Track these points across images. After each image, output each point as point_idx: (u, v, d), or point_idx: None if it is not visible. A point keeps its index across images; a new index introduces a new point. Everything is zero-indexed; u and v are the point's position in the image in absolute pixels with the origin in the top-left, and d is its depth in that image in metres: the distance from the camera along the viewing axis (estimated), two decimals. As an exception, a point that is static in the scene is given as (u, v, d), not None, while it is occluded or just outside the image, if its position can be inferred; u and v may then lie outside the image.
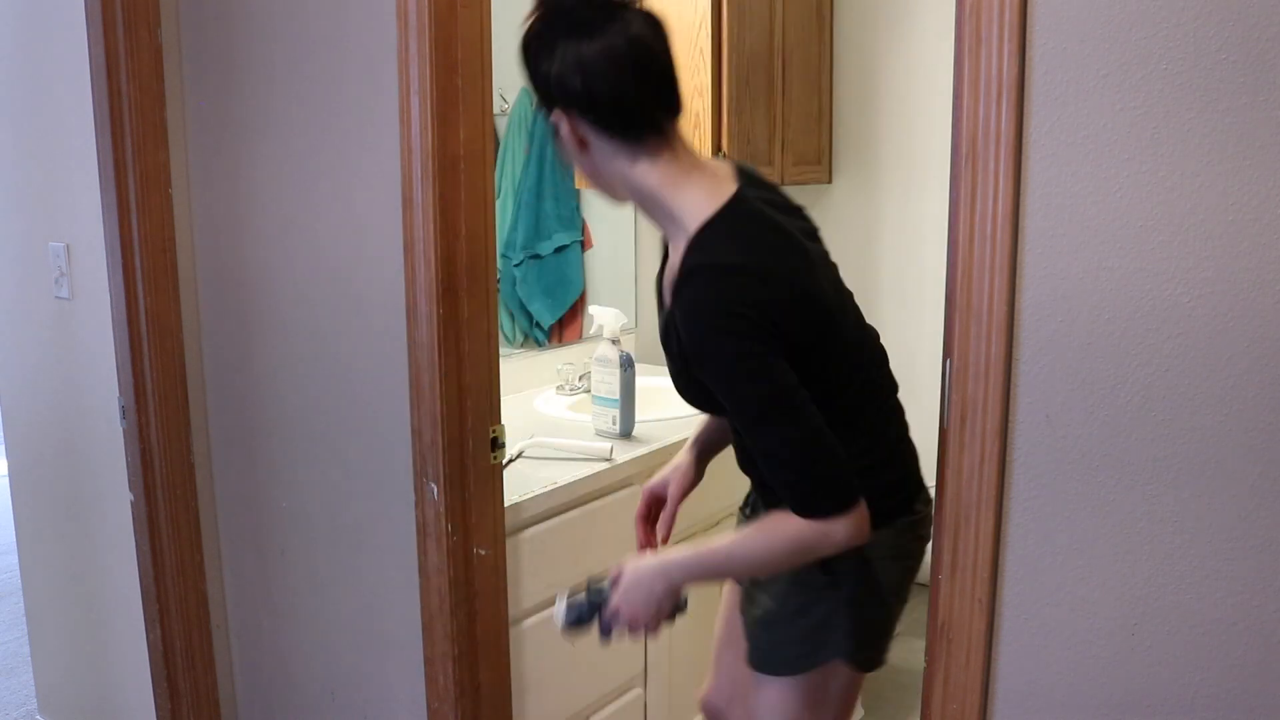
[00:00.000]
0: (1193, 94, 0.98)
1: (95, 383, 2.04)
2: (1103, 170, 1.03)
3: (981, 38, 1.07)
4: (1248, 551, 1.00)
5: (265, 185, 1.82)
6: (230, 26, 1.81)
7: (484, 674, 1.72)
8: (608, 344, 2.17)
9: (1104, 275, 1.04)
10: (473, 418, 1.64)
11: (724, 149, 2.73)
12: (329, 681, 1.92)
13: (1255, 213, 0.96)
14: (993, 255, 1.09)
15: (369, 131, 1.64)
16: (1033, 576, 1.13)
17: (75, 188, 1.98)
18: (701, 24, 2.68)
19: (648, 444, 2.15)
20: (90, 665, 2.32)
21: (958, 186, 1.11)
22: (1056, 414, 1.08)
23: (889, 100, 3.26)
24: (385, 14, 1.55)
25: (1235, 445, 1.00)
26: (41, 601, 2.43)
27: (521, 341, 2.69)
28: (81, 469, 2.17)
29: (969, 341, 1.12)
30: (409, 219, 1.58)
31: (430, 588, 1.66)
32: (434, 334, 1.58)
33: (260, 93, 1.80)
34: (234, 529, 2.04)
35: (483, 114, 1.59)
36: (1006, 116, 1.06)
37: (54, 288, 2.09)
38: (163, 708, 2.04)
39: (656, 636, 1.94)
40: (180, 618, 2.01)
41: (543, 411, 2.43)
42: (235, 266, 1.90)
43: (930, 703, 1.22)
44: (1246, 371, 0.99)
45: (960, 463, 1.14)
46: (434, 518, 1.63)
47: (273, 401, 1.89)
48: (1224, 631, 1.03)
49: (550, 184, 2.71)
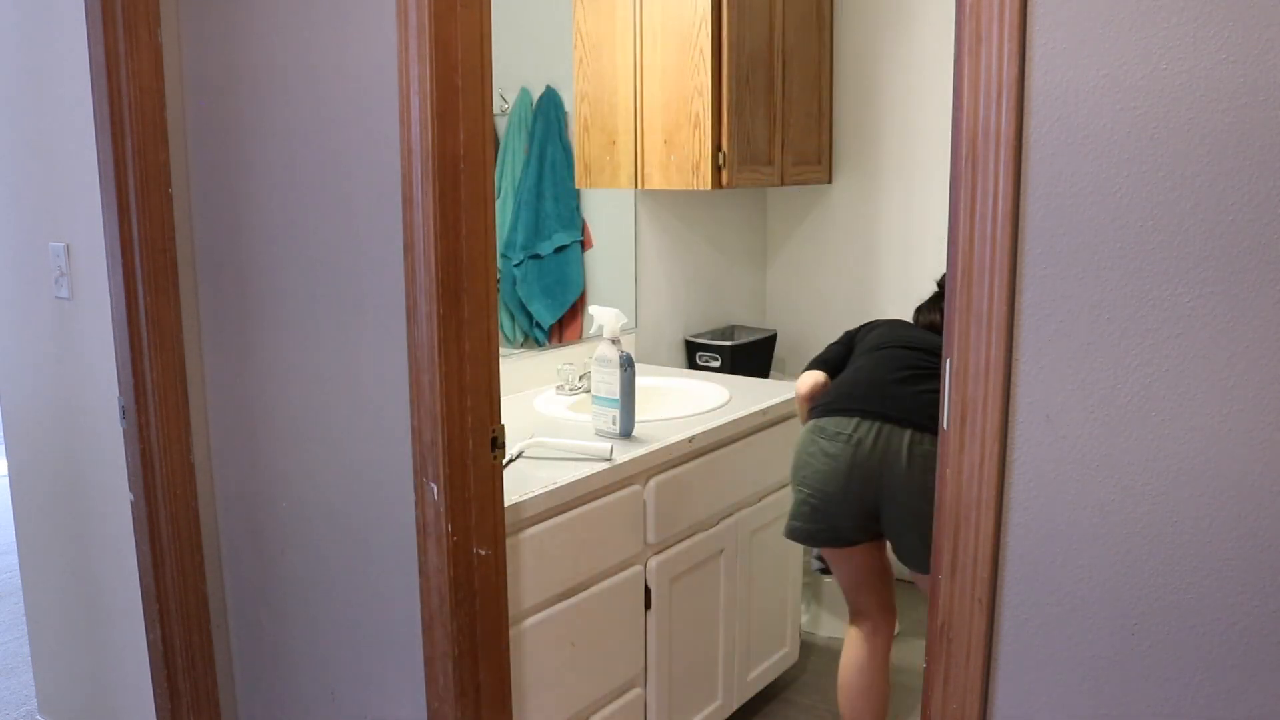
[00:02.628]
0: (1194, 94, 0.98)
1: (95, 383, 2.04)
2: (1103, 169, 1.03)
3: (981, 38, 1.07)
4: (1248, 551, 1.01)
5: (265, 185, 1.82)
6: (230, 26, 1.81)
7: (484, 674, 1.72)
8: (608, 344, 2.17)
9: (1103, 276, 1.04)
10: (473, 418, 1.64)
11: (724, 149, 2.73)
12: (329, 681, 1.92)
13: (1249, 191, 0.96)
14: (993, 255, 1.09)
15: (369, 131, 1.64)
16: (1033, 576, 1.13)
17: (75, 188, 1.98)
18: (701, 24, 2.68)
19: (648, 444, 2.15)
20: (90, 665, 2.32)
21: (958, 186, 1.11)
22: (1056, 414, 1.09)
23: (889, 100, 3.26)
24: (385, 14, 1.55)
25: (1235, 442, 1.00)
26: (41, 601, 2.43)
27: (521, 341, 2.69)
28: (81, 469, 2.17)
29: (969, 341, 1.12)
30: (409, 219, 1.58)
31: (430, 588, 1.66)
32: (434, 334, 1.58)
33: (260, 92, 1.80)
34: (234, 529, 2.04)
35: (483, 114, 1.59)
36: (1006, 116, 1.06)
37: (54, 288, 2.09)
38: (163, 708, 2.04)
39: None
40: (180, 618, 2.01)
41: (543, 411, 2.43)
42: (235, 266, 1.90)
43: (930, 703, 1.22)
44: (1246, 372, 0.99)
45: (960, 463, 1.14)
46: (434, 518, 1.63)
47: (272, 401, 1.89)
48: (1224, 631, 1.03)
49: (550, 184, 2.71)
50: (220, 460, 2.02)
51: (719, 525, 2.39)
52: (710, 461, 2.32)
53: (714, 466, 2.34)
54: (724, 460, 2.37)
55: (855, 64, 3.29)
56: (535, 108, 2.67)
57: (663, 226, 3.09)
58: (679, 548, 2.27)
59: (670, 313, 3.16)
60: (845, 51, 3.29)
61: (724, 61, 2.70)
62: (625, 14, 2.77)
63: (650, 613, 2.20)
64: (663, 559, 2.21)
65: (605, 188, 2.85)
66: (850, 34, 3.28)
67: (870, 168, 3.33)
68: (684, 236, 3.18)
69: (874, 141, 3.30)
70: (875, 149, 3.31)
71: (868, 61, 3.27)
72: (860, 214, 3.37)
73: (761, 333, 3.34)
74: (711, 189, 2.78)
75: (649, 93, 2.78)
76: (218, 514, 2.05)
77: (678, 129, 2.75)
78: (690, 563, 2.30)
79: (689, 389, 2.69)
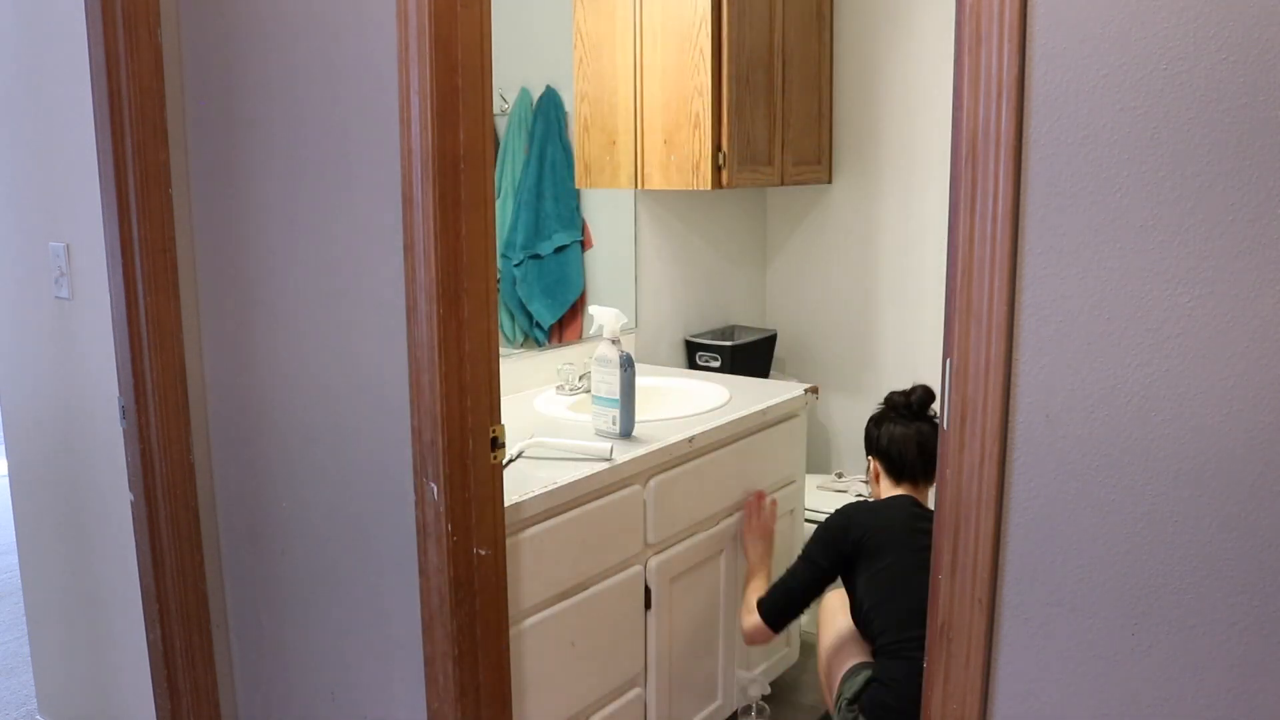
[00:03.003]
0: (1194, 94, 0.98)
1: (95, 383, 2.04)
2: (1103, 169, 1.03)
3: (981, 38, 1.07)
4: (1248, 551, 1.01)
5: (265, 185, 1.82)
6: (230, 26, 1.81)
7: (484, 674, 1.72)
8: (608, 344, 2.17)
9: (1104, 272, 1.04)
10: (473, 418, 1.64)
11: (724, 149, 2.73)
12: (329, 681, 1.92)
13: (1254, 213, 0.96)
14: (993, 255, 1.09)
15: (369, 131, 1.64)
16: (1033, 576, 1.13)
17: (75, 188, 1.98)
18: (701, 24, 2.68)
19: (647, 444, 2.15)
20: (90, 665, 2.32)
21: (958, 186, 1.11)
22: (1056, 414, 1.09)
23: (889, 100, 3.26)
24: (385, 14, 1.55)
25: (1235, 442, 1.00)
26: (41, 601, 2.43)
27: (521, 341, 2.69)
28: (81, 469, 2.17)
29: (969, 341, 1.12)
30: (409, 219, 1.58)
31: (430, 588, 1.66)
32: (434, 334, 1.58)
33: (260, 92, 1.80)
34: (234, 529, 2.04)
35: (483, 114, 1.59)
36: (1006, 116, 1.06)
37: (54, 288, 2.09)
38: (163, 708, 2.04)
39: None
40: (180, 618, 2.01)
41: (543, 411, 2.43)
42: (235, 266, 1.90)
43: (930, 703, 1.22)
44: (1246, 372, 0.99)
45: (960, 463, 1.14)
46: (434, 518, 1.63)
47: (273, 401, 1.89)
48: (1224, 631, 1.03)
49: (550, 184, 2.71)
50: (220, 460, 2.02)
51: (719, 525, 2.39)
52: (710, 461, 2.32)
53: (714, 466, 2.34)
54: (724, 460, 2.37)
55: (855, 64, 3.29)
56: (535, 108, 2.67)
57: (663, 226, 3.09)
58: (679, 548, 2.27)
59: (670, 313, 3.16)
60: (845, 51, 3.29)
61: (724, 61, 2.70)
62: (625, 14, 2.77)
63: (650, 612, 2.20)
64: (663, 559, 2.21)
65: (605, 188, 2.85)
66: (850, 34, 3.28)
67: (870, 168, 3.33)
68: (684, 236, 3.18)
69: (874, 141, 3.30)
70: (875, 149, 3.31)
71: (868, 61, 3.27)
72: (860, 214, 3.37)
73: (761, 333, 3.34)
74: (711, 189, 2.78)
75: (649, 93, 2.78)
76: (218, 514, 2.05)
77: (678, 129, 2.75)
78: (690, 563, 2.30)
79: (689, 389, 2.69)
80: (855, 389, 3.45)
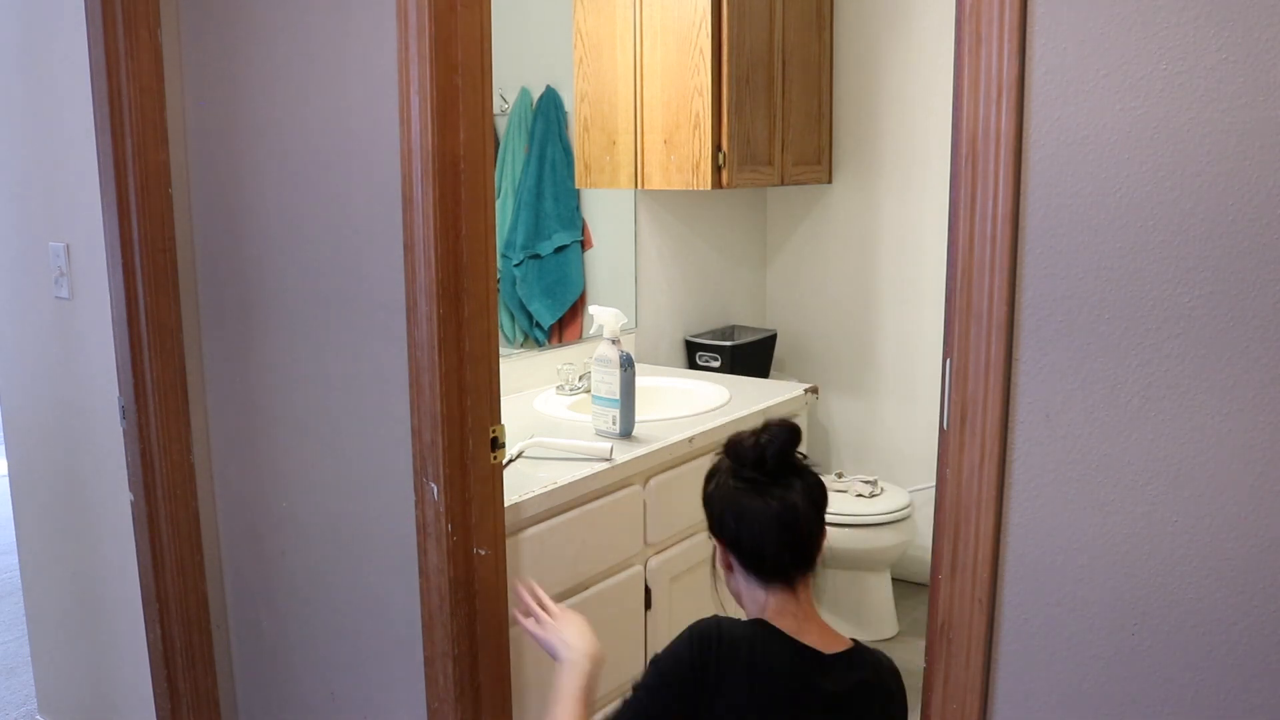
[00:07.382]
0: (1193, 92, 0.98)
1: (95, 383, 2.04)
2: (1103, 171, 1.03)
3: (981, 38, 1.07)
4: (1248, 551, 1.01)
5: (265, 185, 1.82)
6: (230, 26, 1.81)
7: (484, 674, 1.72)
8: (608, 344, 2.17)
9: (1104, 276, 1.04)
10: (473, 418, 1.64)
11: (724, 149, 2.73)
12: (329, 681, 1.92)
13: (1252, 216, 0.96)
14: (993, 255, 1.09)
15: (369, 130, 1.64)
16: (1033, 576, 1.13)
17: (75, 188, 1.98)
18: (701, 24, 2.68)
19: (647, 444, 2.15)
20: (90, 665, 2.32)
21: (958, 186, 1.11)
22: (1056, 414, 1.09)
23: (889, 100, 3.26)
24: (385, 14, 1.55)
25: (1235, 445, 1.00)
26: (41, 601, 2.43)
27: (521, 341, 2.69)
28: (81, 469, 2.17)
29: (969, 341, 1.12)
30: (409, 219, 1.58)
31: (430, 588, 1.66)
32: (434, 334, 1.58)
33: (260, 94, 1.79)
34: (234, 529, 2.03)
35: (483, 114, 1.59)
36: (1006, 116, 1.06)
37: (54, 287, 2.09)
38: (163, 708, 2.04)
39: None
40: (180, 618, 2.01)
41: (543, 411, 2.43)
42: (235, 266, 1.90)
43: (930, 703, 1.22)
44: (1247, 370, 0.99)
45: (960, 463, 1.14)
46: (434, 518, 1.63)
47: (273, 402, 1.89)
48: (1224, 631, 1.03)
49: (550, 184, 2.71)
50: (220, 460, 2.02)
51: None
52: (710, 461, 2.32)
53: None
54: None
55: (855, 64, 3.29)
56: (535, 108, 2.67)
57: (663, 226, 3.08)
58: (679, 548, 2.27)
59: (670, 313, 3.16)
60: (845, 51, 3.29)
61: (724, 61, 2.70)
62: (625, 14, 2.77)
63: (650, 612, 2.20)
64: (663, 559, 2.21)
65: (605, 188, 2.85)
66: (850, 34, 3.28)
67: (870, 168, 3.33)
68: (684, 236, 3.18)
69: (874, 141, 3.30)
70: (875, 149, 3.31)
71: (868, 61, 3.27)
72: (860, 214, 3.37)
73: (761, 333, 3.34)
74: (711, 189, 2.78)
75: (649, 93, 2.78)
76: (218, 514, 2.05)
77: (678, 129, 2.75)
78: (690, 562, 2.30)
79: (689, 389, 2.69)
80: (855, 389, 3.45)
